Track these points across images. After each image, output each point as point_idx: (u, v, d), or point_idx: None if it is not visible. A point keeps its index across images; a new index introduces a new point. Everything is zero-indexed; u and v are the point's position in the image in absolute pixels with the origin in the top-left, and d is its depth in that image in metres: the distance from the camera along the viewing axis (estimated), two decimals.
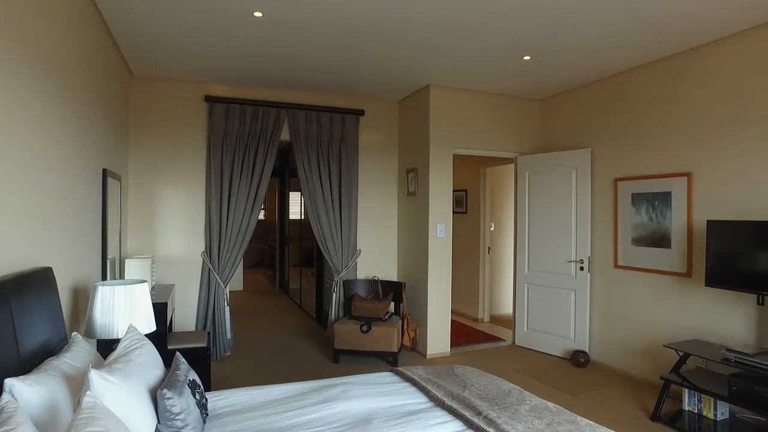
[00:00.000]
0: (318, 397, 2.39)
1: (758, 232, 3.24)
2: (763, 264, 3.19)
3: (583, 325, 4.78)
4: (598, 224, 4.71)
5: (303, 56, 4.09)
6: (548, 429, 1.96)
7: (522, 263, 5.34)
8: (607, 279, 4.61)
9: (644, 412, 3.62)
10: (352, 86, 5.01)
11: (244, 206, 4.82)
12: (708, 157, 3.75)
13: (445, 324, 5.04)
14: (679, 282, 3.95)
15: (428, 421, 2.12)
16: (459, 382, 2.53)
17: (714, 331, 3.67)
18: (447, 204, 5.02)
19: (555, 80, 4.75)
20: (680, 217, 3.95)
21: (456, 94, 5.05)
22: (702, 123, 3.79)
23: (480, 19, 3.33)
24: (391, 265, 5.62)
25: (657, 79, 4.14)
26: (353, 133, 5.33)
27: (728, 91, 3.61)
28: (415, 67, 4.38)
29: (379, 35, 3.63)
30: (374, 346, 4.58)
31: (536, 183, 5.22)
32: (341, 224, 5.22)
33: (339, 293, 5.19)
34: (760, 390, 2.99)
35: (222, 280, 4.75)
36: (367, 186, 5.51)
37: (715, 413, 3.41)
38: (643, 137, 4.27)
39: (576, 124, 5.00)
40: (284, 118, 5.03)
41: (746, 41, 3.49)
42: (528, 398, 2.31)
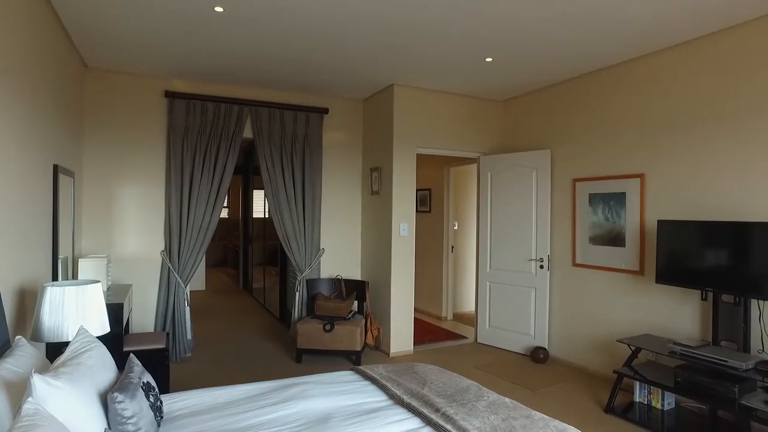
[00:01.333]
0: (277, 397, 2.37)
1: (703, 231, 3.40)
2: (706, 262, 3.35)
3: (542, 322, 4.90)
4: (558, 223, 4.84)
5: (265, 53, 4.04)
6: (504, 424, 2.00)
7: (484, 262, 5.43)
8: (565, 277, 4.74)
9: (599, 404, 3.74)
10: (316, 84, 4.98)
11: (206, 204, 4.72)
12: (659, 159, 3.90)
13: (409, 322, 5.07)
14: (632, 279, 4.10)
15: (387, 419, 2.13)
16: (419, 380, 2.55)
17: (664, 325, 3.83)
18: (410, 203, 5.06)
19: (517, 82, 4.85)
20: (634, 216, 4.10)
21: (420, 93, 5.09)
22: (654, 127, 3.95)
23: (443, 21, 3.37)
24: (354, 264, 5.62)
25: (613, 83, 4.28)
26: (317, 131, 5.30)
27: (677, 97, 3.77)
28: (379, 66, 4.39)
29: (342, 35, 3.62)
30: (337, 345, 4.57)
31: (498, 183, 5.32)
32: (304, 223, 5.19)
33: (302, 292, 5.16)
34: (701, 380, 3.14)
35: (182, 280, 4.65)
36: (331, 185, 5.49)
37: (662, 403, 3.57)
38: (600, 139, 4.41)
39: (537, 126, 5.12)
40: (247, 115, 4.96)
41: (692, 51, 3.65)
42: (486, 394, 2.35)
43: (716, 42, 3.51)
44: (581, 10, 3.17)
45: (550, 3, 3.06)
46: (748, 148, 3.34)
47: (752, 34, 3.31)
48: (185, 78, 4.75)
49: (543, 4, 3.08)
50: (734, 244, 3.20)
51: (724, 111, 3.47)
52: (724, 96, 3.47)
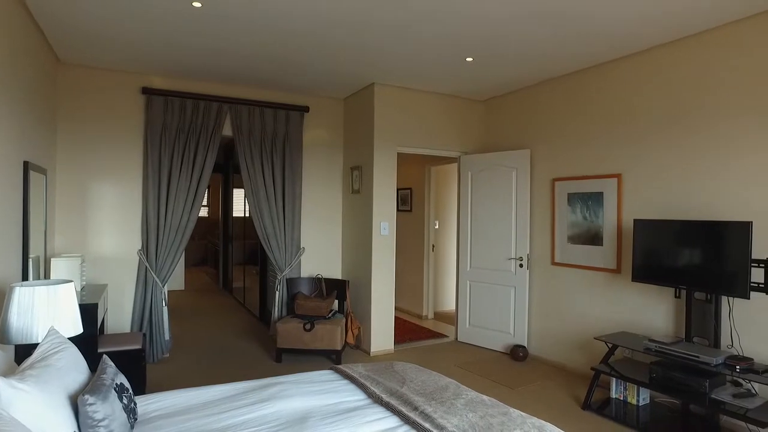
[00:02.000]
0: (255, 397, 2.35)
1: (677, 230, 3.46)
2: (680, 260, 3.42)
3: (522, 320, 4.94)
4: (537, 222, 4.89)
5: (244, 51, 4.00)
6: (482, 421, 2.01)
7: (464, 260, 5.46)
8: (544, 275, 4.79)
9: (576, 401, 3.79)
10: (296, 82, 4.95)
11: (184, 202, 4.66)
12: (636, 160, 3.97)
13: (389, 321, 5.07)
14: (610, 278, 4.16)
15: (365, 417, 2.12)
16: (398, 379, 2.55)
17: (640, 323, 3.90)
18: (391, 202, 5.06)
19: (497, 82, 4.88)
20: (611, 216, 4.16)
21: (400, 93, 5.09)
22: (631, 128, 4.01)
23: (423, 20, 3.37)
24: (335, 263, 5.60)
25: (592, 84, 4.34)
26: (297, 129, 5.26)
27: (654, 99, 3.84)
28: (359, 65, 4.37)
29: (322, 34, 3.60)
30: (317, 344, 4.55)
31: (479, 182, 5.35)
32: (284, 222, 5.15)
33: (282, 291, 5.12)
34: (674, 375, 3.20)
35: (160, 279, 4.57)
36: (312, 183, 5.46)
37: (637, 399, 3.63)
38: (578, 139, 4.46)
39: (517, 126, 5.16)
40: (226, 112, 4.90)
41: (669, 54, 3.72)
42: (464, 392, 2.36)
43: (692, 46, 3.58)
44: (561, 12, 3.20)
45: (529, 4, 3.08)
46: (720, 150, 3.41)
47: (727, 39, 3.38)
48: (163, 74, 4.68)
49: (522, 5, 3.10)
50: (706, 243, 3.27)
51: (699, 114, 3.55)
52: (699, 99, 3.54)
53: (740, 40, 3.30)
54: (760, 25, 3.19)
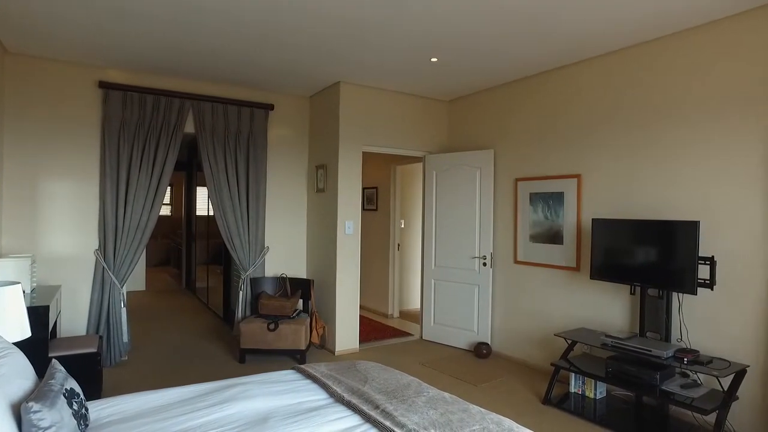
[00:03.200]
0: (215, 399, 2.31)
1: (632, 229, 3.59)
2: (634, 258, 3.55)
3: (485, 318, 5.02)
4: (500, 222, 4.97)
5: (205, 46, 3.91)
6: (442, 418, 2.04)
7: (429, 259, 5.51)
8: (507, 274, 4.88)
9: (537, 396, 3.88)
10: (261, 80, 4.88)
11: (144, 200, 4.53)
12: (595, 161, 4.09)
13: (354, 320, 5.07)
14: (570, 275, 4.28)
15: (326, 417, 2.12)
16: (360, 377, 2.56)
17: (598, 319, 4.02)
18: (356, 201, 5.05)
19: (462, 83, 4.94)
20: (571, 215, 4.27)
21: (366, 92, 5.09)
22: (590, 129, 4.13)
23: (388, 20, 3.37)
24: (300, 262, 5.56)
25: (554, 87, 4.44)
26: (262, 127, 5.20)
27: (612, 102, 3.96)
28: (324, 64, 4.35)
29: (287, 30, 3.56)
30: (282, 344, 4.51)
31: (443, 181, 5.40)
32: (248, 221, 5.08)
33: (246, 291, 5.05)
34: (629, 369, 3.32)
35: (118, 280, 4.43)
36: (276, 182, 5.40)
37: (595, 393, 3.75)
38: (540, 140, 4.57)
39: (481, 126, 5.23)
40: (189, 109, 4.79)
41: (628, 59, 3.85)
42: (426, 390, 2.39)
43: (651, 52, 3.71)
44: (525, 14, 3.26)
45: (494, 7, 3.13)
46: (675, 152, 3.55)
47: (682, 48, 3.52)
48: (121, 68, 4.53)
49: (487, 7, 3.14)
50: (659, 241, 3.40)
51: (654, 118, 3.68)
52: (655, 105, 3.68)
53: (694, 50, 3.44)
54: (714, 36, 3.34)
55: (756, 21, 3.11)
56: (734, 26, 3.22)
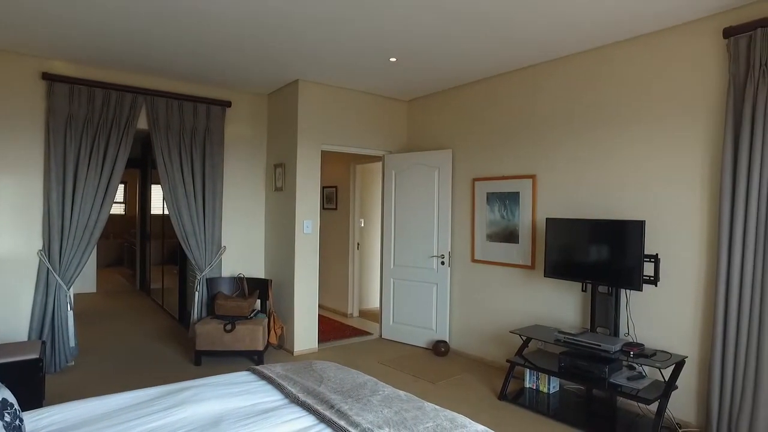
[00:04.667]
0: (166, 403, 2.24)
1: (583, 228, 3.71)
2: (585, 256, 3.67)
3: (444, 316, 5.08)
4: (458, 221, 5.04)
5: (159, 38, 3.79)
6: (396, 416, 2.05)
7: (388, 258, 5.53)
8: (465, 272, 4.96)
9: (494, 392, 3.95)
10: (218, 76, 4.77)
11: (93, 199, 4.35)
12: (550, 161, 4.20)
13: (313, 320, 5.04)
14: (525, 274, 4.38)
15: (281, 418, 2.09)
16: (316, 378, 2.54)
17: (552, 315, 4.14)
18: (314, 200, 5.02)
19: (421, 83, 4.98)
20: (526, 215, 4.37)
21: (325, 90, 5.06)
22: (545, 130, 4.24)
23: (347, 19, 3.36)
24: (257, 261, 5.48)
25: (510, 88, 4.54)
26: (219, 124, 5.08)
27: (565, 103, 4.08)
28: (283, 60, 4.29)
29: (244, 25, 3.49)
30: (239, 345, 4.43)
31: (402, 181, 5.43)
32: (204, 220, 4.96)
33: (202, 292, 4.93)
34: (580, 364, 3.43)
35: (64, 282, 4.24)
36: (234, 180, 5.30)
37: (548, 387, 3.86)
38: (498, 141, 4.65)
39: (440, 126, 5.29)
40: (142, 104, 4.64)
41: (583, 62, 3.97)
42: (381, 389, 2.39)
43: (603, 58, 3.84)
44: (482, 16, 3.31)
45: (452, 9, 3.16)
46: (624, 154, 3.69)
47: (634, 53, 3.66)
48: (68, 59, 4.33)
49: (445, 8, 3.18)
50: (608, 240, 3.53)
51: (607, 121, 3.81)
52: (606, 108, 3.81)
53: (644, 57, 3.59)
54: (661, 44, 3.49)
55: (699, 31, 3.27)
56: (679, 36, 3.37)
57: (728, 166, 3.02)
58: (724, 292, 3.02)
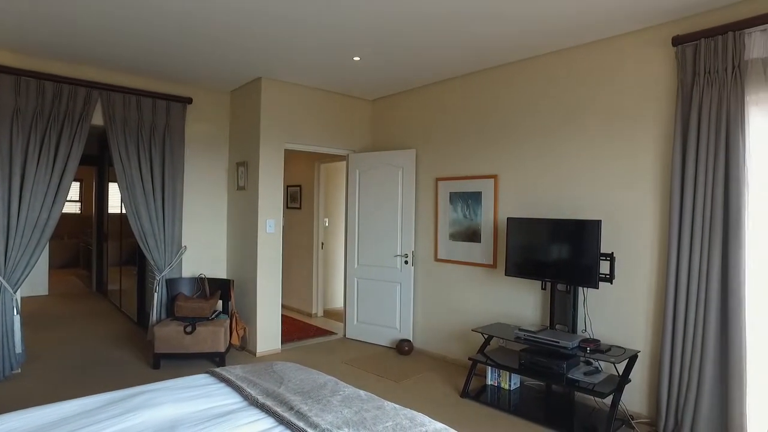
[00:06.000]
0: (118, 409, 2.17)
1: (541, 228, 3.79)
2: (544, 255, 3.75)
3: (407, 315, 5.11)
4: (422, 220, 5.08)
5: (116, 30, 3.66)
6: (356, 416, 2.04)
7: (352, 258, 5.52)
8: (428, 272, 5.00)
9: (456, 390, 4.00)
10: (178, 72, 4.65)
11: (43, 197, 4.17)
12: (511, 162, 4.28)
13: (276, 321, 4.98)
14: (487, 272, 4.45)
15: (239, 421, 2.06)
16: (276, 379, 2.51)
17: (513, 313, 4.21)
18: (278, 199, 4.96)
19: (385, 83, 4.99)
20: (488, 214, 4.44)
21: (289, 88, 5.01)
22: (506, 131, 4.31)
23: (310, 17, 3.33)
24: (219, 262, 5.37)
25: (473, 89, 4.60)
26: (179, 122, 4.96)
27: (526, 105, 4.16)
28: (246, 58, 4.22)
29: (205, 20, 3.41)
30: (200, 347, 4.34)
31: (366, 180, 5.43)
32: (164, 219, 4.83)
33: (161, 293, 4.80)
34: (539, 360, 3.51)
35: (10, 285, 4.05)
36: (195, 179, 5.18)
37: (509, 384, 3.93)
38: (461, 141, 4.71)
39: (404, 126, 5.31)
40: (97, 99, 4.47)
41: (545, 64, 4.06)
42: (342, 389, 2.38)
43: (562, 61, 3.94)
44: (444, 19, 3.34)
45: (414, 9, 3.18)
46: (582, 155, 3.80)
47: (589, 57, 3.77)
48: (13, 49, 4.11)
49: (406, 11, 3.19)
50: (566, 239, 3.62)
51: (566, 122, 3.91)
52: (567, 110, 3.91)
53: (600, 61, 3.70)
54: (616, 49, 3.60)
55: (651, 38, 3.40)
56: (634, 42, 3.49)
57: (677, 168, 3.14)
58: (673, 289, 3.15)
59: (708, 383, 2.97)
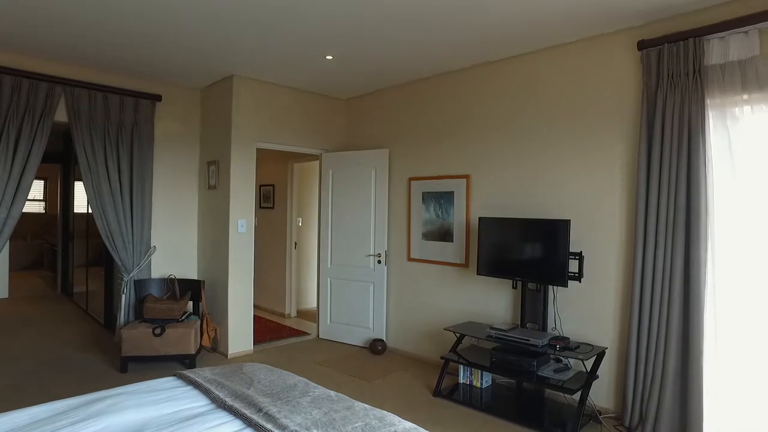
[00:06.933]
0: (79, 415, 2.10)
1: (512, 227, 3.84)
2: (516, 254, 3.80)
3: (380, 315, 5.11)
4: (395, 220, 5.08)
5: (80, 23, 3.55)
6: (325, 417, 2.03)
7: (325, 257, 5.49)
8: (401, 271, 5.01)
9: (429, 389, 4.02)
10: (147, 68, 4.54)
11: (2, 196, 4.02)
12: (484, 162, 4.31)
13: (248, 321, 4.92)
14: (459, 272, 4.48)
15: (206, 424, 2.02)
16: (245, 381, 2.47)
17: (485, 312, 4.26)
18: (249, 199, 4.90)
19: (358, 82, 4.97)
20: (461, 214, 4.47)
21: (261, 86, 4.95)
22: (479, 131, 4.35)
23: (281, 14, 3.30)
24: (190, 262, 5.28)
25: (446, 89, 4.62)
26: (148, 119, 4.85)
27: (498, 106, 4.21)
28: (216, 54, 4.15)
29: (175, 15, 3.34)
30: (169, 349, 4.25)
31: (339, 180, 5.41)
32: (132, 219, 4.72)
33: (129, 294, 4.69)
34: (510, 358, 3.56)
35: None
36: (164, 178, 5.07)
37: (481, 382, 3.97)
38: (433, 141, 4.73)
39: (377, 125, 5.31)
40: (60, 95, 4.34)
41: (518, 66, 4.11)
42: (312, 390, 2.37)
43: (535, 63, 3.99)
44: (416, 19, 3.35)
45: (386, 8, 3.17)
46: (552, 156, 3.86)
47: (562, 61, 3.83)
48: None
49: (379, 8, 3.19)
50: (536, 238, 3.68)
51: (536, 123, 3.97)
52: (538, 111, 3.96)
53: (571, 64, 3.76)
54: (588, 50, 3.67)
55: (618, 42, 3.47)
56: (601, 45, 3.56)
57: (643, 169, 3.22)
58: (639, 287, 3.23)
59: (671, 377, 3.06)
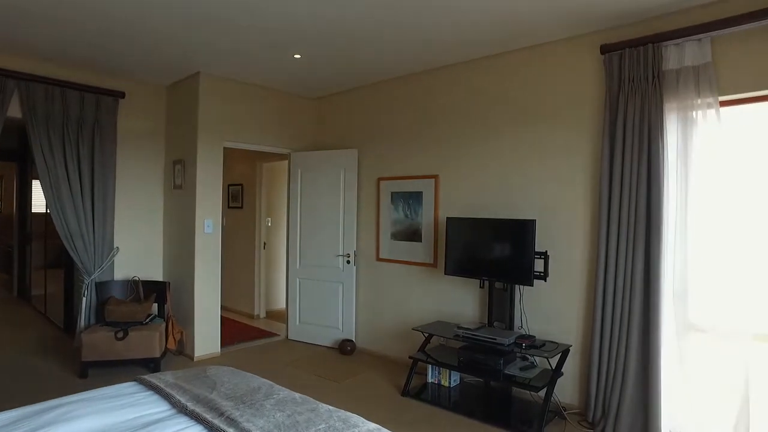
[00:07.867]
0: (30, 425, 2.02)
1: (478, 227, 3.88)
2: (483, 254, 3.84)
3: (349, 315, 5.09)
4: (363, 220, 5.07)
5: (36, 14, 3.41)
6: (288, 420, 2.01)
7: (294, 258, 5.44)
8: (370, 271, 5.00)
9: (397, 389, 4.02)
10: (110, 63, 4.40)
11: None
12: (452, 162, 4.34)
13: (215, 323, 4.83)
14: (427, 271, 4.50)
15: (166, 430, 1.97)
16: (209, 384, 2.43)
17: (453, 312, 4.29)
18: (216, 199, 4.81)
19: (326, 81, 4.94)
20: (429, 214, 4.49)
21: (229, 84, 4.87)
22: (447, 132, 4.37)
23: (247, 10, 3.25)
24: (155, 263, 5.15)
25: (413, 90, 4.64)
26: (110, 117, 4.71)
27: (466, 106, 4.24)
28: (183, 51, 4.05)
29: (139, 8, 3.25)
30: (132, 353, 4.14)
31: (308, 180, 5.37)
32: (94, 219, 4.57)
33: (90, 297, 4.54)
34: (477, 357, 3.59)
35: None
36: (128, 177, 4.93)
37: (449, 381, 3.99)
38: (402, 141, 4.74)
39: (346, 125, 5.29)
40: (14, 90, 4.16)
41: (487, 67, 4.15)
42: (276, 392, 2.34)
43: (504, 63, 4.03)
44: (383, 18, 3.34)
45: (355, 7, 3.16)
46: (518, 156, 3.91)
47: (532, 62, 3.88)
48: None
49: (347, 6, 3.17)
50: (502, 238, 3.73)
51: (503, 124, 4.02)
52: (505, 112, 4.01)
53: (540, 65, 3.82)
54: (554, 52, 3.73)
55: (583, 45, 3.55)
56: (567, 48, 3.64)
57: (605, 170, 3.30)
58: (602, 285, 3.31)
59: (632, 373, 3.14)
